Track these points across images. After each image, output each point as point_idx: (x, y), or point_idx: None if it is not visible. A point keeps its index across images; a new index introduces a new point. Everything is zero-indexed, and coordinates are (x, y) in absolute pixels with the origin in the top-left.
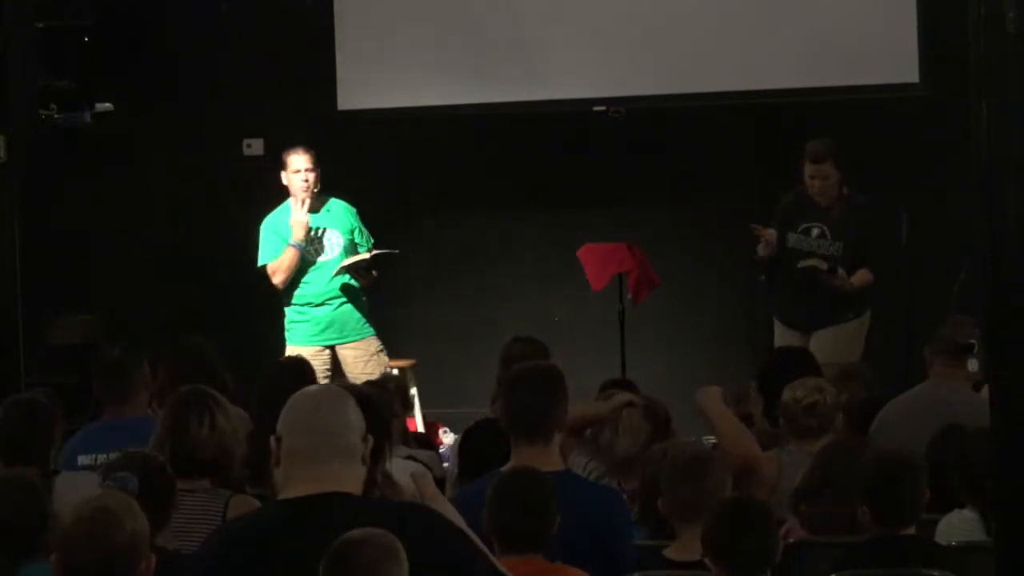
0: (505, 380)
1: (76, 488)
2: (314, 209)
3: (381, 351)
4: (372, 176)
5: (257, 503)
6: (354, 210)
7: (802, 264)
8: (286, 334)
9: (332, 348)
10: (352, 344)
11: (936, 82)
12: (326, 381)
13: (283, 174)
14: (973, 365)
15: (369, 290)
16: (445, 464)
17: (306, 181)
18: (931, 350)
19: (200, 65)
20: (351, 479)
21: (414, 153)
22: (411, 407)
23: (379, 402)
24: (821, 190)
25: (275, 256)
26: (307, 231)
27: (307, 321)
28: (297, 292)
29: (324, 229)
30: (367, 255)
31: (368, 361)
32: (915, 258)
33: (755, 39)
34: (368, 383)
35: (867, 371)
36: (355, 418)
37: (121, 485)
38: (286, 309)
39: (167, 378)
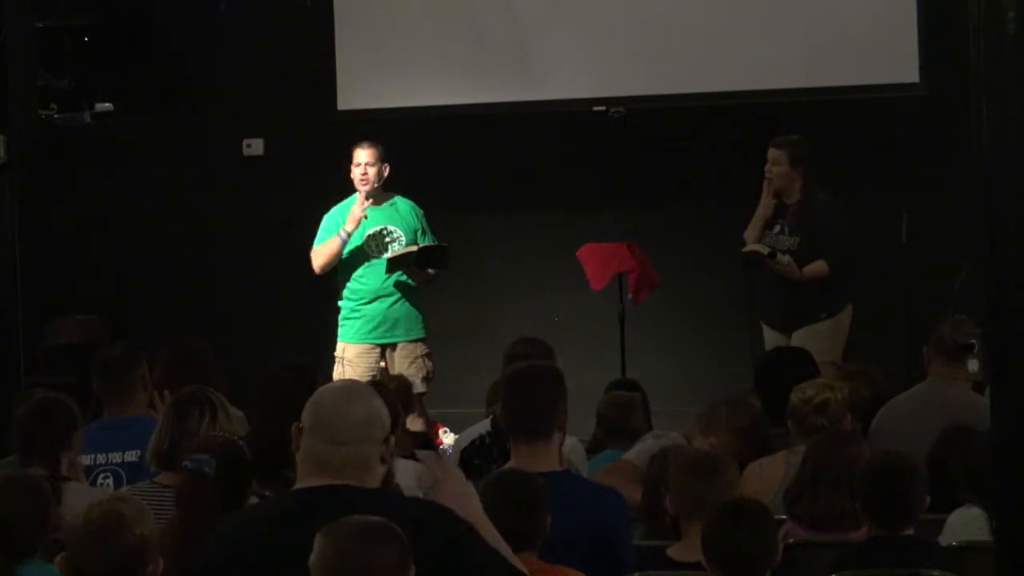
0: (504, 380)
1: (86, 499)
2: (378, 204)
3: (426, 355)
4: None
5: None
6: (421, 212)
7: (745, 249)
8: (339, 330)
9: (382, 348)
10: (401, 344)
11: (936, 82)
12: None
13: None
14: (973, 365)
15: (423, 290)
16: None
17: (364, 175)
18: (931, 350)
19: (200, 65)
20: (365, 481)
21: (414, 153)
22: (413, 407)
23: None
24: (774, 176)
25: (323, 242)
26: (359, 224)
27: (359, 318)
28: (351, 287)
29: (386, 228)
30: (414, 248)
31: (412, 363)
32: (915, 258)
33: (755, 39)
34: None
35: (874, 371)
36: (377, 419)
37: (198, 468)
38: (340, 304)
39: (163, 377)
